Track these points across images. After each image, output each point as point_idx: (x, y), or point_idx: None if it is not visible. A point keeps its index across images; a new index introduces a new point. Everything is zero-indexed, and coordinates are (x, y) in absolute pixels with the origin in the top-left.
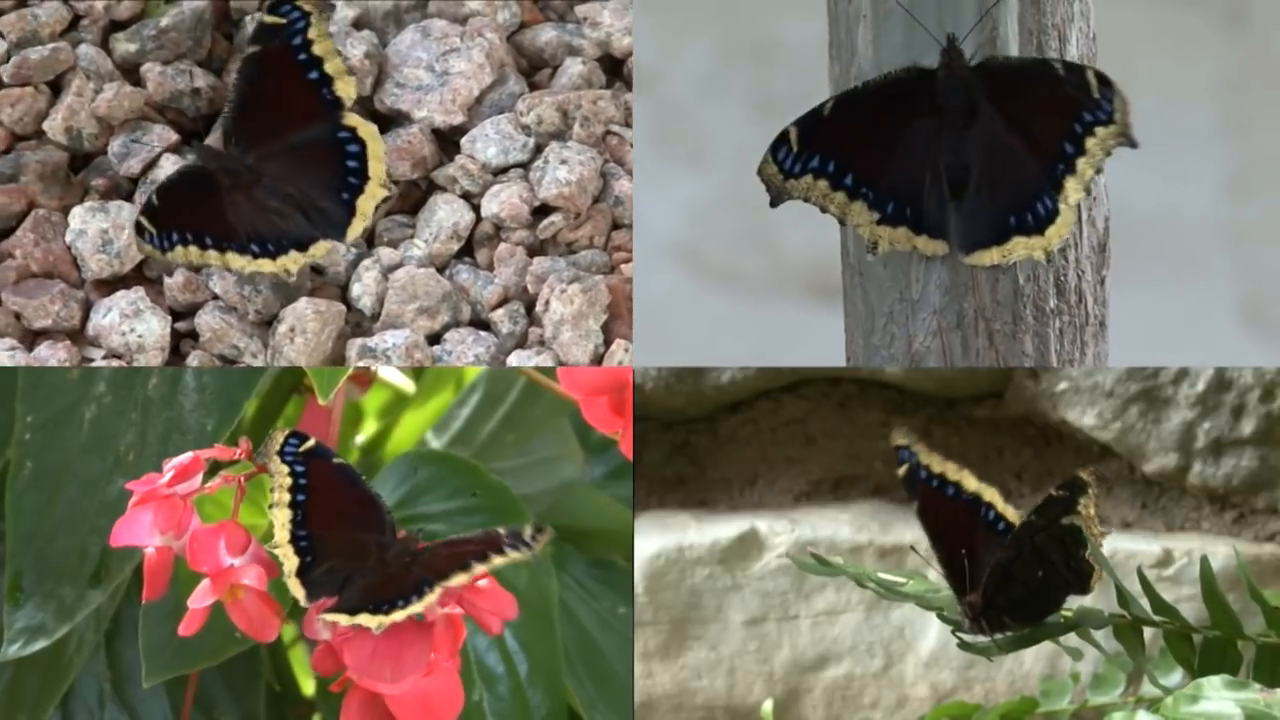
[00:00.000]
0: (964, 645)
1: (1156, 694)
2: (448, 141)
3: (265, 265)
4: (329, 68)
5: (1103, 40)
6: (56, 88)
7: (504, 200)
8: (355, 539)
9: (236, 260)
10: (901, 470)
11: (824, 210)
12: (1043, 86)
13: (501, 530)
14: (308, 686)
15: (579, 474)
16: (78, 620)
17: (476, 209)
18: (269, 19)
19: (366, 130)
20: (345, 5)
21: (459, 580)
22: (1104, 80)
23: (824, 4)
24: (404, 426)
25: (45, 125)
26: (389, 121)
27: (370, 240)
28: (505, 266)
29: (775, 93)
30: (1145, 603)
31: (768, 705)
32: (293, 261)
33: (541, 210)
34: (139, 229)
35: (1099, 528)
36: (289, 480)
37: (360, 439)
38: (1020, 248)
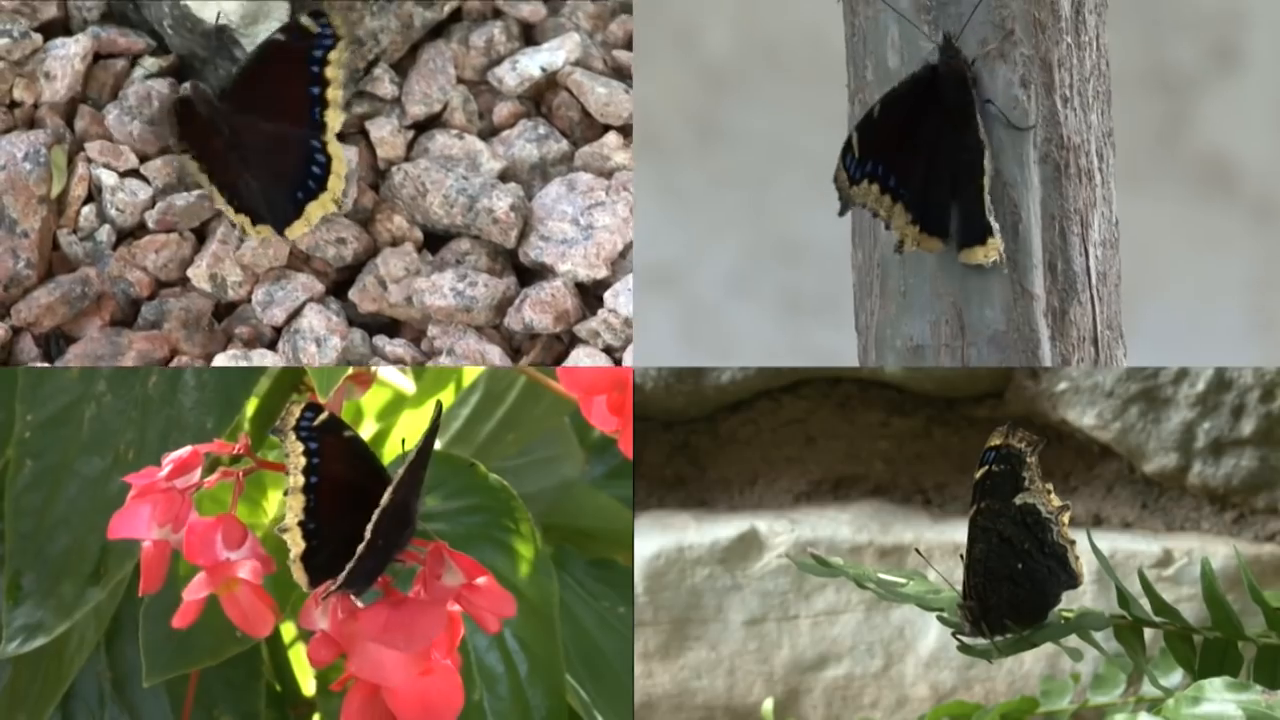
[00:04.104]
0: (964, 648)
1: (1157, 694)
2: (590, 295)
3: (230, 212)
4: (329, 94)
5: (1131, 237)
6: (201, 235)
7: None
8: (362, 523)
9: (218, 198)
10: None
11: (875, 215)
12: None
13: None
14: (308, 686)
15: (579, 473)
16: (77, 618)
17: (618, 363)
18: (306, 21)
19: (335, 149)
20: (492, 158)
21: None
22: None
23: None
24: (403, 427)
25: (189, 272)
26: (533, 274)
27: None
28: None
29: (802, 291)
30: (1145, 603)
31: (768, 705)
32: (246, 223)
33: None
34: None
35: (1056, 499)
36: (303, 460)
37: None
38: (994, 250)
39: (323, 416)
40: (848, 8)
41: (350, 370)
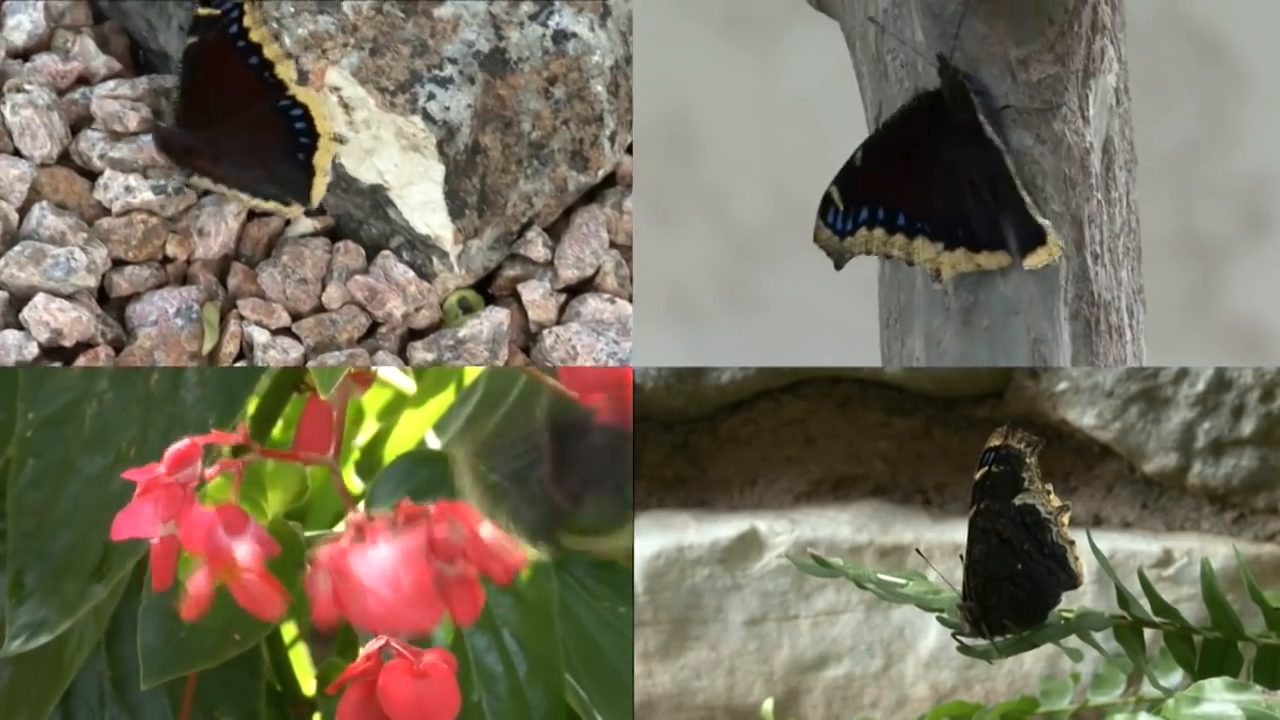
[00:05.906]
0: (964, 649)
1: (1157, 694)
2: None
3: (274, 205)
4: (267, 53)
5: None
6: None
7: None
8: None
9: (245, 199)
10: None
11: (888, 257)
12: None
13: None
14: (308, 686)
15: None
16: (80, 615)
17: None
18: (203, 11)
19: (306, 95)
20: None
21: None
22: None
23: (878, 348)
24: (404, 426)
25: None
26: None
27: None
28: None
29: None
30: (1145, 603)
31: (768, 705)
32: (272, 205)
33: None
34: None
35: (1056, 499)
36: None
37: (360, 439)
38: (1055, 248)
39: None
40: None
41: (350, 368)
